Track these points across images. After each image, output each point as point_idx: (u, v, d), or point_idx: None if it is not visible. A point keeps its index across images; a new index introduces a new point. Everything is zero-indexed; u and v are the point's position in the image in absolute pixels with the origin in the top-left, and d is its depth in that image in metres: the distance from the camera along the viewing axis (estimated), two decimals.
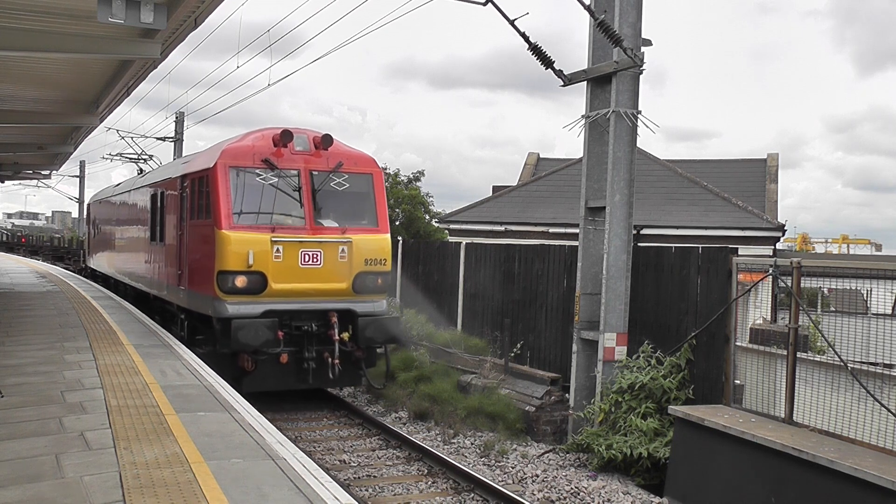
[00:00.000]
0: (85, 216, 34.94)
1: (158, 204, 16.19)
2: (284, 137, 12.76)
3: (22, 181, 50.84)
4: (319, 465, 6.64)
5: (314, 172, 12.92)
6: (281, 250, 12.28)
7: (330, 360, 12.47)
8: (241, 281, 12.04)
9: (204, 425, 7.31)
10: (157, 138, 33.74)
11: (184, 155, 25.13)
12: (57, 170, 42.64)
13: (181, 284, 13.93)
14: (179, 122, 35.19)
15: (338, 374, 12.55)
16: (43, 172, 43.11)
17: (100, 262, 26.79)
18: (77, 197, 66.93)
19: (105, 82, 17.04)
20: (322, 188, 12.92)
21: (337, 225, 13.02)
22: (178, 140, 34.69)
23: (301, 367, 12.45)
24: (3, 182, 47.72)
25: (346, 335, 12.69)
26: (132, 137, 29.56)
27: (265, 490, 5.58)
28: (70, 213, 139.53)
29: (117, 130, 29.74)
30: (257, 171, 12.54)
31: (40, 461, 6.07)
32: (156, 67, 15.66)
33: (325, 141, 13.13)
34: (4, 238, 78.67)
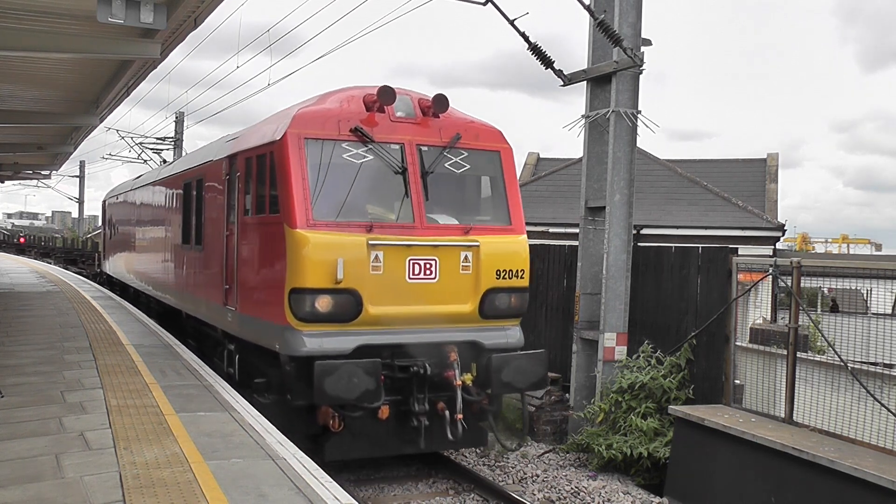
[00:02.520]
0: (101, 215, 30.42)
1: (193, 197, 12.92)
2: (384, 97, 9.12)
3: (22, 181, 50.87)
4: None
5: (423, 148, 9.37)
6: (381, 258, 8.69)
7: (448, 413, 8.79)
8: (325, 303, 8.51)
9: (204, 425, 7.31)
10: (158, 139, 33.76)
11: (184, 154, 24.87)
12: (57, 170, 42.67)
13: (229, 304, 10.42)
14: (179, 122, 35.20)
15: (460, 434, 8.82)
16: (43, 172, 43.13)
17: (117, 267, 23.42)
18: (77, 197, 66.98)
19: (105, 82, 17.04)
20: (434, 170, 9.30)
21: (457, 222, 9.41)
22: (177, 140, 34.69)
23: (407, 425, 8.82)
24: (2, 182, 47.74)
25: (468, 377, 8.97)
26: (132, 138, 29.58)
27: (265, 490, 5.58)
28: (70, 213, 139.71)
29: (117, 130, 29.82)
30: (344, 144, 8.97)
31: (40, 461, 6.08)
32: (156, 67, 15.67)
33: (438, 104, 9.52)
34: (1, 237, 77.87)
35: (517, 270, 9.50)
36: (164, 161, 21.99)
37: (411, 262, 8.85)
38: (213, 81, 79.12)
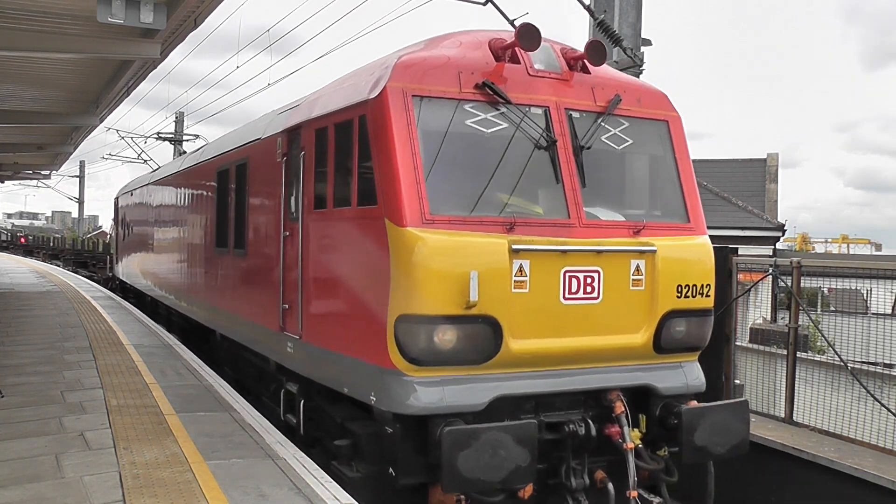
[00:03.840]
0: (112, 213, 27.51)
1: (231, 187, 10.48)
2: (525, 40, 6.54)
3: (22, 181, 50.88)
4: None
5: (574, 114, 6.85)
6: (527, 270, 6.22)
7: (611, 486, 6.40)
8: (449, 337, 5.97)
9: (204, 425, 7.32)
10: (158, 137, 33.74)
11: (181, 154, 24.29)
12: (57, 170, 42.68)
13: (289, 329, 7.92)
14: (179, 122, 35.20)
15: None
16: (43, 172, 43.15)
17: (132, 272, 20.89)
18: (77, 197, 67.04)
19: (105, 82, 17.03)
20: (591, 144, 6.82)
21: (622, 218, 6.94)
22: (177, 140, 34.69)
23: None
24: (2, 182, 47.75)
25: (636, 434, 6.58)
26: (132, 137, 29.58)
27: (265, 490, 5.58)
28: (70, 213, 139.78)
29: (117, 130, 29.81)
30: (468, 106, 6.43)
31: (40, 461, 6.08)
32: (156, 67, 15.66)
33: (594, 54, 6.95)
34: (9, 238, 77.60)
35: (702, 286, 7.02)
36: (184, 153, 19.76)
37: (567, 275, 6.37)
38: (213, 81, 79.26)
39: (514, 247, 6.12)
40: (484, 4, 11.17)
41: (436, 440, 5.79)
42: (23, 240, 72.37)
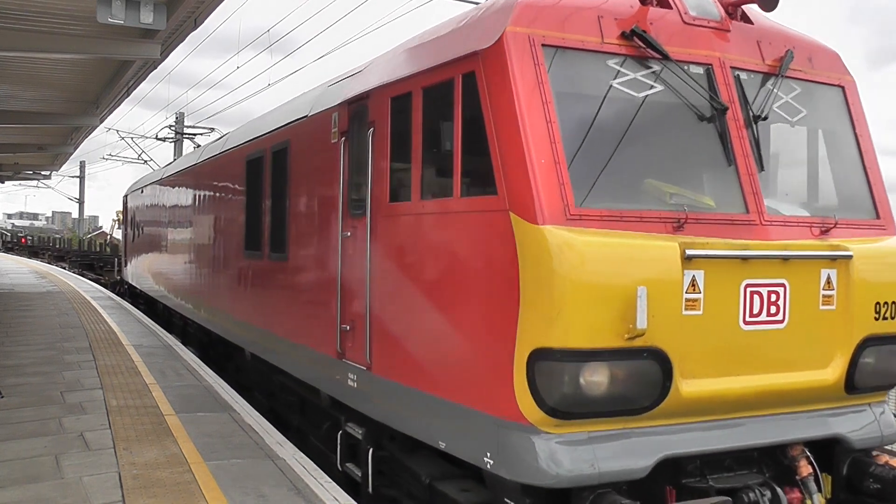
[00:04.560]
0: (122, 212, 25.54)
1: (266, 178, 8.86)
2: None
3: (22, 181, 50.92)
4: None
5: (742, 75, 5.33)
6: (701, 283, 4.68)
7: None
8: (604, 378, 4.46)
9: (203, 426, 7.31)
10: (175, 133, 33.72)
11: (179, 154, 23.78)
12: (57, 170, 42.76)
13: (351, 356, 6.37)
14: (179, 122, 35.19)
15: None
16: (43, 173, 43.21)
17: (143, 277, 19.17)
18: (77, 197, 67.08)
19: (105, 82, 17.05)
20: (766, 113, 5.30)
21: (806, 213, 5.49)
22: (177, 141, 34.71)
23: None
24: (2, 182, 47.80)
25: (821, 500, 5.12)
26: (132, 138, 29.58)
27: (264, 490, 5.58)
28: (70, 213, 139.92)
29: (117, 131, 29.82)
30: (612, 61, 4.96)
31: (40, 461, 6.08)
32: (156, 68, 15.68)
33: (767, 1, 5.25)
34: (14, 239, 77.44)
35: None
36: (199, 146, 18.33)
37: (748, 290, 4.78)
38: (213, 82, 79.35)
39: (687, 252, 4.50)
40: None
41: None
42: (24, 240, 72.33)
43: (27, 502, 5.22)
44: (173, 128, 28.93)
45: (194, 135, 25.92)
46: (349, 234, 6.43)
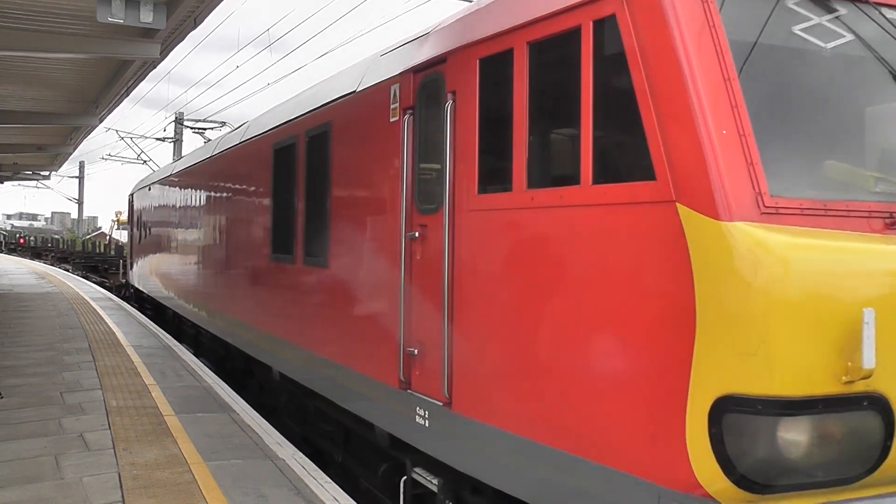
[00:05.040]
0: (128, 212, 24.16)
1: (300, 171, 7.68)
2: None
3: (21, 182, 50.91)
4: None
5: None
6: None
7: None
8: (811, 436, 3.17)
9: (203, 426, 7.30)
10: (157, 139, 33.76)
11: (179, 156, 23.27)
12: (56, 170, 42.71)
13: (420, 388, 5.30)
14: (179, 122, 35.19)
15: None
16: (42, 173, 43.19)
17: (150, 281, 18.00)
18: (77, 197, 67.05)
19: (105, 82, 17.05)
20: None
21: None
22: (176, 140, 34.71)
23: None
24: (2, 183, 47.78)
25: None
26: (132, 138, 29.57)
27: (264, 491, 5.57)
28: (69, 213, 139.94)
29: (117, 131, 29.82)
30: (791, 2, 3.79)
31: (40, 462, 6.06)
32: (155, 67, 15.67)
33: None
34: (16, 240, 77.39)
35: None
36: (209, 141, 17.19)
37: None
38: (212, 82, 79.37)
39: None
40: None
41: None
42: (21, 241, 72.26)
43: (27, 502, 5.21)
44: (179, 120, 28.53)
45: (203, 129, 25.55)
46: (416, 234, 5.30)
